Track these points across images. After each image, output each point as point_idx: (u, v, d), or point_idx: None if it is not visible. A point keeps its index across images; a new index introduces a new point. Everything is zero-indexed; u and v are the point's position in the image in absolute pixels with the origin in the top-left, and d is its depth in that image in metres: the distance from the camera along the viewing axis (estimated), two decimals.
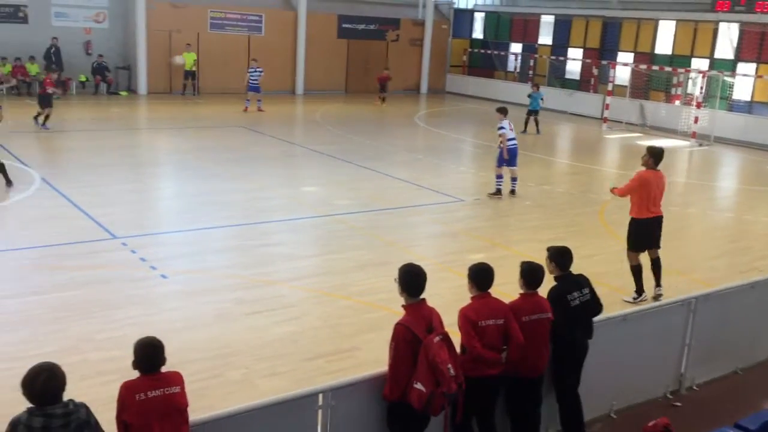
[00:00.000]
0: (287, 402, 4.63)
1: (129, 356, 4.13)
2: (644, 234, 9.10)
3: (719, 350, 7.20)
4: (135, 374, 4.11)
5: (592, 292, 5.81)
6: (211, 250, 10.38)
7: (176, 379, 4.16)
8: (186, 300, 8.44)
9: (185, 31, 26.92)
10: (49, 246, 9.96)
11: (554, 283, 5.76)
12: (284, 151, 18.41)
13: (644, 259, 9.26)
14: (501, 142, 14.15)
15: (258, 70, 23.92)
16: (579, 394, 5.81)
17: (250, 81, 23.73)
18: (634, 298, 9.08)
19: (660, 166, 9.31)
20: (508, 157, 14.20)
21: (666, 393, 6.83)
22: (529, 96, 23.35)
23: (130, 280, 8.94)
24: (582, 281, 5.80)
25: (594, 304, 5.82)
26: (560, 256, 5.78)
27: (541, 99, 23.30)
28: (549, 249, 5.90)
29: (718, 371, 7.25)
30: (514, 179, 14.53)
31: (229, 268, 9.56)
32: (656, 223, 9.18)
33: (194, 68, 26.82)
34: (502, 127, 14.17)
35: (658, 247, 9.23)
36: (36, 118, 18.69)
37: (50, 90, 18.43)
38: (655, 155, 9.31)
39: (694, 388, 7.00)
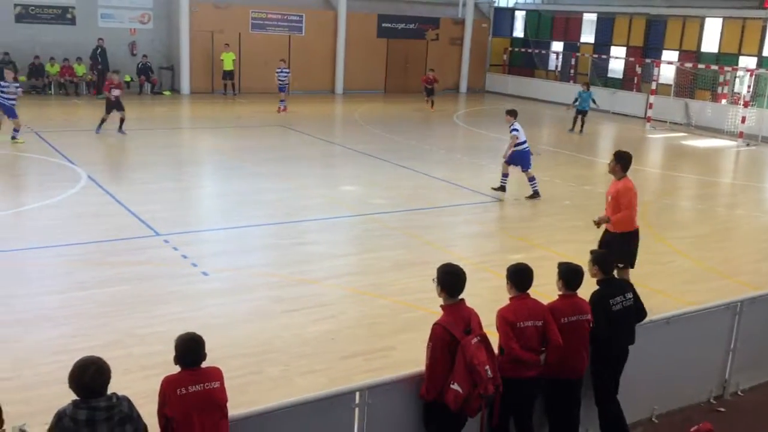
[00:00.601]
0: (325, 399, 4.66)
1: (171, 351, 4.20)
2: (630, 248, 8.38)
3: (765, 355, 7.02)
4: (177, 369, 4.18)
5: (636, 297, 5.71)
6: (251, 248, 10.51)
7: (216, 374, 4.22)
8: (226, 297, 8.56)
9: (227, 32, 27.27)
10: (95, 242, 10.19)
11: (596, 287, 5.69)
12: (323, 151, 18.52)
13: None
14: (512, 144, 13.74)
15: (285, 70, 23.94)
16: (618, 399, 5.72)
17: (279, 81, 23.69)
18: None
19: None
20: (519, 162, 13.82)
21: (710, 398, 6.69)
22: (579, 95, 23.00)
23: (172, 277, 9.10)
24: (625, 286, 5.74)
25: (637, 310, 5.72)
26: (604, 260, 5.72)
27: (592, 100, 22.94)
28: (592, 252, 5.83)
29: (763, 377, 7.06)
30: (531, 180, 14.07)
31: (268, 266, 9.66)
32: (638, 236, 8.55)
33: (233, 68, 27.09)
34: (515, 129, 13.81)
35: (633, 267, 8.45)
36: (100, 125, 18.24)
37: (115, 94, 18.07)
38: (623, 162, 8.40)
39: (739, 393, 6.84)
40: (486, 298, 7.56)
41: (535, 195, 14.03)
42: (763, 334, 6.90)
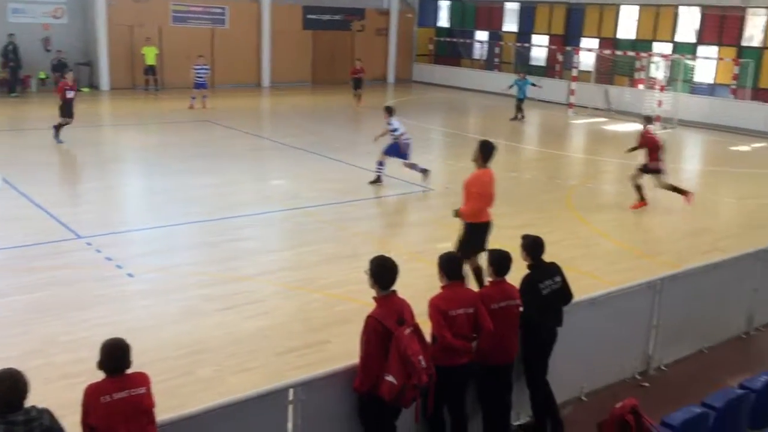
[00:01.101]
0: (257, 398, 4.59)
1: (96, 358, 4.07)
2: (481, 239, 8.43)
3: (685, 330, 7.31)
4: (102, 376, 4.05)
5: (564, 280, 5.85)
6: (179, 247, 10.26)
7: (142, 379, 4.10)
8: (154, 298, 8.33)
9: (147, 25, 26.49)
10: (11, 248, 9.75)
11: (526, 271, 5.79)
12: (251, 145, 18.25)
13: None
14: (394, 137, 14.02)
15: (205, 67, 23.16)
16: (548, 380, 5.86)
17: (196, 78, 22.65)
18: None
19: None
20: (397, 154, 14.02)
21: (634, 374, 6.93)
22: (515, 83, 23.33)
23: (95, 280, 8.79)
24: (554, 270, 5.84)
25: (565, 293, 5.86)
26: (533, 246, 5.82)
27: (532, 84, 23.38)
28: (523, 237, 5.93)
29: (684, 351, 7.36)
30: (412, 166, 14.21)
31: (197, 265, 9.46)
32: (490, 228, 8.56)
33: (155, 63, 26.34)
34: (394, 129, 13.99)
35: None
36: (57, 129, 16.74)
37: (69, 96, 16.73)
38: (485, 151, 8.41)
39: (662, 368, 7.10)
40: (419, 287, 7.57)
41: (378, 180, 14.02)
42: (683, 310, 7.18)
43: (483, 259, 7.87)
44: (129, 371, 4.08)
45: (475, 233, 8.39)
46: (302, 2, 30.41)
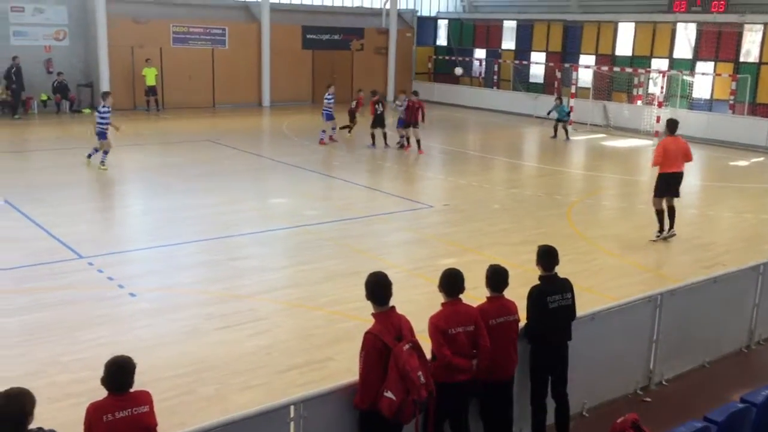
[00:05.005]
0: (258, 415, 4.60)
1: (99, 377, 4.08)
2: None
3: (687, 345, 7.32)
4: (105, 394, 4.07)
5: (573, 298, 5.84)
6: (180, 267, 10.29)
7: (144, 398, 4.12)
8: (155, 318, 8.35)
9: (147, 46, 26.71)
10: (13, 268, 9.78)
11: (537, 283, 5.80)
12: (252, 164, 18.33)
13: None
14: (400, 111, 19.85)
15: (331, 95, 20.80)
16: (567, 394, 5.87)
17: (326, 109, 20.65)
18: None
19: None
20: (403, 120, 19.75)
21: (636, 389, 6.92)
22: (555, 108, 23.48)
23: (97, 300, 8.82)
24: (566, 286, 5.82)
25: (572, 311, 5.85)
26: (544, 256, 5.83)
27: (567, 113, 23.50)
28: (538, 248, 5.94)
29: (686, 366, 7.36)
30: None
31: (199, 284, 9.49)
32: None
33: (155, 83, 26.50)
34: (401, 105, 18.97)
35: None
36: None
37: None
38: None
39: (663, 383, 7.10)
40: (420, 303, 7.64)
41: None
42: (684, 324, 7.19)
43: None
44: (132, 390, 4.10)
45: None
46: (302, 22, 30.67)
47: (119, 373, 4.08)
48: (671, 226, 11.91)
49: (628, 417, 5.01)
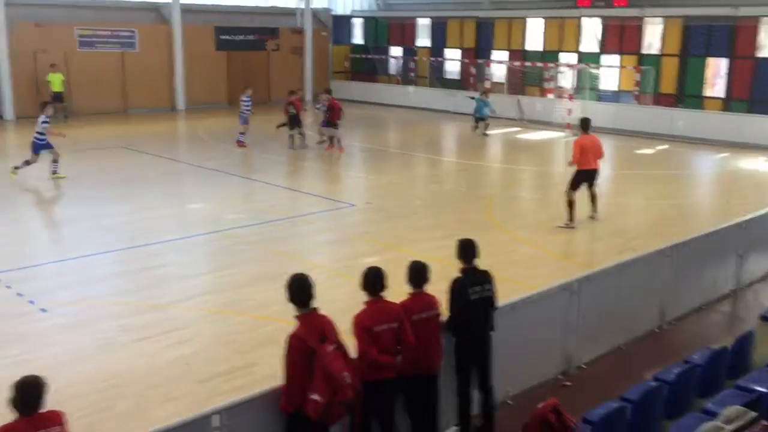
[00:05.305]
0: (180, 428, 4.48)
1: (8, 399, 3.88)
2: None
3: (603, 329, 7.58)
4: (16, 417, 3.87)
5: (493, 289, 5.93)
6: (94, 279, 9.90)
7: (56, 418, 3.95)
8: (69, 333, 8.01)
9: (52, 51, 25.59)
10: None
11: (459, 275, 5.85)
12: (168, 170, 17.85)
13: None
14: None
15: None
16: (491, 383, 5.96)
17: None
18: None
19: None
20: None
21: (557, 374, 7.12)
22: (476, 101, 23.28)
23: (6, 318, 8.38)
24: (486, 277, 5.92)
25: (492, 301, 5.94)
26: (464, 249, 5.90)
27: (488, 108, 23.22)
28: (458, 241, 5.99)
29: (603, 349, 7.61)
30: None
31: (114, 295, 9.16)
32: None
33: (62, 90, 25.41)
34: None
35: None
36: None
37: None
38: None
39: (582, 366, 7.32)
40: (343, 303, 7.55)
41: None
42: (599, 309, 7.44)
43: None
44: (43, 410, 3.91)
45: None
46: (215, 23, 30.10)
47: (27, 393, 3.89)
48: (595, 210, 12.82)
49: (548, 402, 5.14)
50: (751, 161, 19.37)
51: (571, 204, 12.49)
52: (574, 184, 12.50)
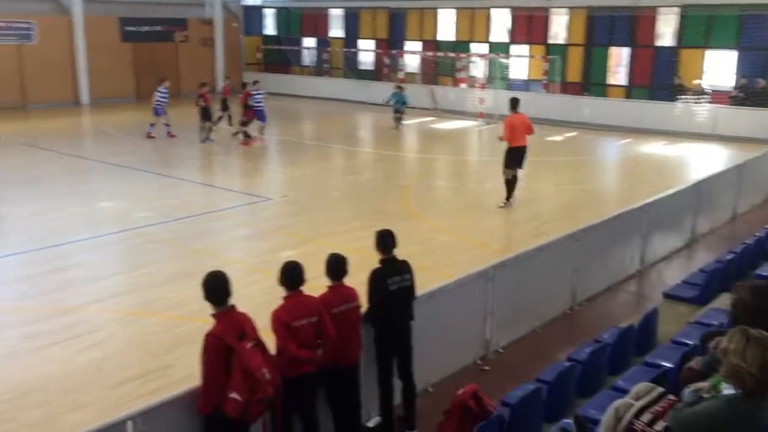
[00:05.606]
0: None
1: None
2: None
3: (518, 313, 7.77)
4: None
5: (412, 278, 5.96)
6: None
7: None
8: None
9: None
10: None
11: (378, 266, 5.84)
12: (73, 167, 17.08)
13: None
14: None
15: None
16: (412, 372, 6.00)
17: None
18: None
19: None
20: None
21: (476, 360, 7.25)
22: (393, 96, 22.72)
23: None
24: (405, 267, 5.93)
25: (412, 291, 5.98)
26: (382, 240, 5.90)
27: (402, 104, 22.70)
28: (376, 232, 5.98)
29: (519, 332, 7.80)
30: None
31: (17, 300, 8.72)
32: None
33: None
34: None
35: None
36: None
37: None
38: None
39: (500, 350, 7.49)
40: (262, 299, 7.48)
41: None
42: (514, 294, 7.62)
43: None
44: None
45: None
46: (118, 13, 29.01)
47: None
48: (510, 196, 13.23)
49: (468, 388, 5.24)
50: (653, 146, 20.29)
51: (508, 182, 13.13)
52: (508, 162, 13.14)
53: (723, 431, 3.52)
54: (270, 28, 35.63)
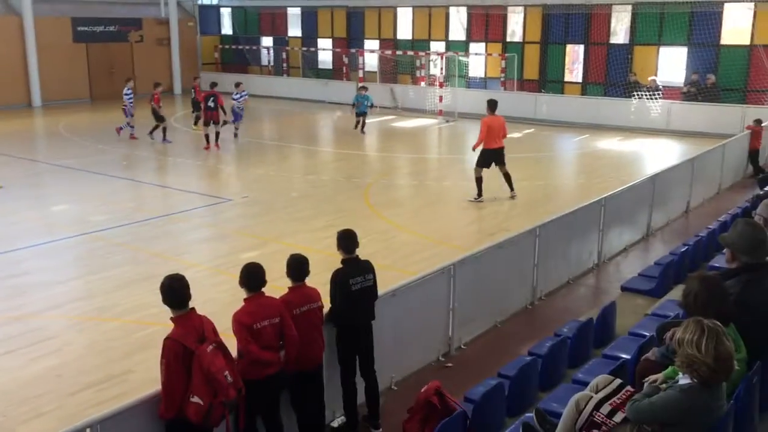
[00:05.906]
0: None
1: None
2: None
3: (480, 309, 7.83)
4: None
5: (375, 278, 5.97)
6: None
7: None
8: None
9: None
10: None
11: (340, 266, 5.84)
12: (26, 171, 16.69)
13: None
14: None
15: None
16: (375, 371, 6.00)
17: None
18: None
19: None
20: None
21: (439, 356, 7.29)
22: (357, 99, 22.12)
23: None
24: (368, 267, 5.93)
25: (374, 291, 5.98)
26: (344, 240, 5.89)
27: (370, 105, 22.31)
28: (338, 233, 5.97)
29: (481, 328, 7.88)
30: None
31: None
32: None
33: None
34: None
35: None
36: None
37: None
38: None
39: (462, 347, 7.54)
40: (223, 301, 7.45)
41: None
42: (475, 290, 7.68)
43: None
44: None
45: None
46: (70, 14, 28.41)
47: None
48: (511, 189, 13.73)
49: (431, 385, 5.27)
50: (608, 141, 20.65)
51: (479, 180, 13.50)
52: (482, 162, 13.54)
53: (680, 421, 3.60)
54: (227, 27, 35.30)
